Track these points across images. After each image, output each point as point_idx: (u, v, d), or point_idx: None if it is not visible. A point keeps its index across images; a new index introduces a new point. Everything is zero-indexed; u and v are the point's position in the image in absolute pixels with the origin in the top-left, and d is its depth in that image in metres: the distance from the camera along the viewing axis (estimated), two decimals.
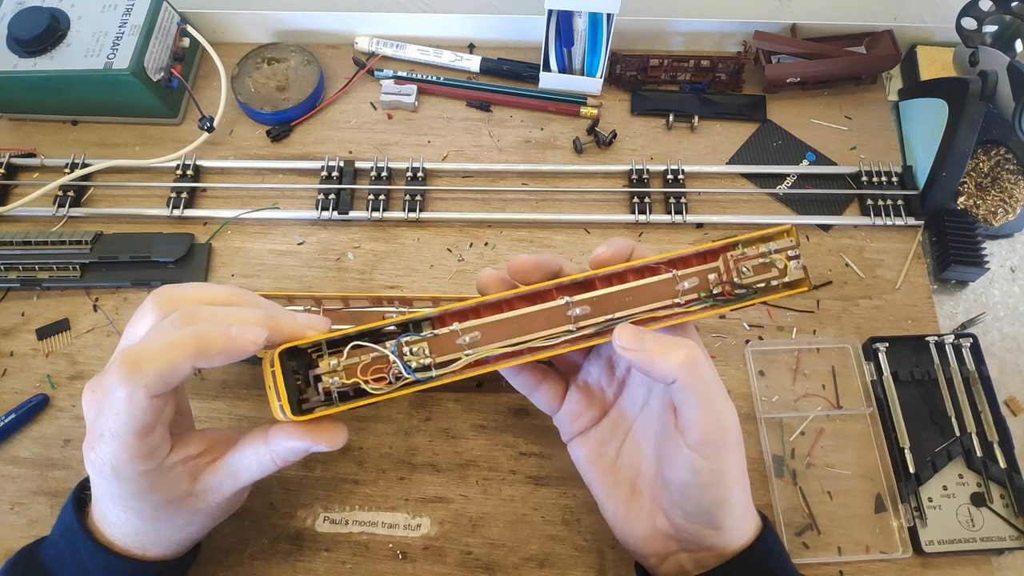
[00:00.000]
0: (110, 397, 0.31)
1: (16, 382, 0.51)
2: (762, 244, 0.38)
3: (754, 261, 0.38)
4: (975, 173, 0.59)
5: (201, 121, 0.58)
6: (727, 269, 0.38)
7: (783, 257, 0.38)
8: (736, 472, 0.36)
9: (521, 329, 0.36)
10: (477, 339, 0.35)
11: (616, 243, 0.37)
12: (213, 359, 0.32)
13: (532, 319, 0.36)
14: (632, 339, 0.34)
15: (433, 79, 0.64)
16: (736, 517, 0.37)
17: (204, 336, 0.31)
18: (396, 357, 0.34)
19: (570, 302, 0.36)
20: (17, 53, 0.57)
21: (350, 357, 0.34)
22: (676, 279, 0.37)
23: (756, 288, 0.38)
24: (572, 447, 0.42)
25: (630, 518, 0.39)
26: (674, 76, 0.64)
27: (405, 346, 0.35)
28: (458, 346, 0.35)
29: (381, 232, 0.58)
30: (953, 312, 0.56)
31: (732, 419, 0.35)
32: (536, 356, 0.36)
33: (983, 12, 0.57)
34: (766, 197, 0.60)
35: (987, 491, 0.48)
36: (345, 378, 0.34)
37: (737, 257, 0.38)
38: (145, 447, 0.32)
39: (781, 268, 0.37)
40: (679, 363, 0.33)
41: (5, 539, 0.46)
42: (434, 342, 0.35)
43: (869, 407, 0.50)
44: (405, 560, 0.46)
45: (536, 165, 0.60)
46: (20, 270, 0.54)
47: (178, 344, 0.31)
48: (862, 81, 0.64)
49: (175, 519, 0.36)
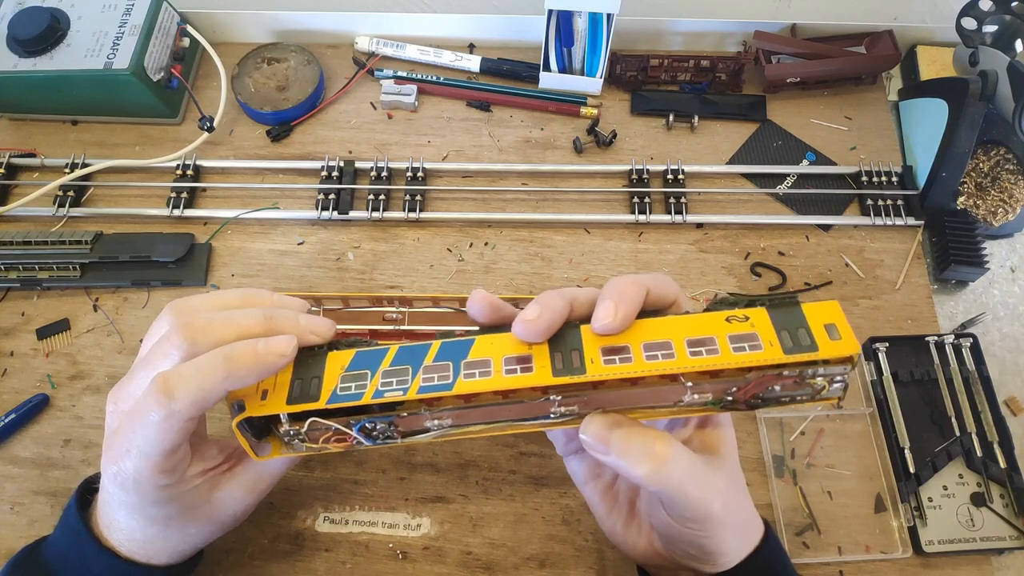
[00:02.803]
0: (143, 419, 0.31)
1: (16, 382, 0.51)
2: (812, 367, 0.30)
3: (789, 380, 0.31)
4: (975, 173, 0.59)
5: (201, 121, 0.58)
6: (755, 385, 0.31)
7: (826, 380, 0.31)
8: (727, 522, 0.34)
9: (498, 416, 0.33)
10: (446, 426, 0.33)
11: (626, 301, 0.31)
12: (245, 379, 0.31)
13: (511, 408, 0.33)
14: (598, 436, 0.31)
15: (433, 79, 0.64)
16: (730, 548, 0.35)
17: (232, 358, 0.31)
18: (358, 434, 0.33)
19: (556, 400, 0.32)
20: (17, 53, 0.57)
21: (312, 428, 0.33)
22: (687, 389, 0.32)
23: (780, 401, 0.32)
24: (569, 463, 0.41)
25: (628, 537, 0.39)
26: (674, 76, 0.64)
27: (368, 428, 0.33)
28: (427, 427, 0.34)
29: (381, 232, 0.58)
30: (953, 312, 0.56)
31: (717, 500, 0.32)
32: (511, 431, 0.34)
33: (983, 12, 0.57)
34: (766, 197, 0.60)
35: (987, 491, 0.48)
36: (306, 440, 0.34)
37: (771, 376, 0.31)
38: (170, 464, 0.33)
39: (817, 389, 0.31)
40: (644, 475, 0.31)
41: (5, 539, 0.46)
42: (402, 421, 0.33)
43: (869, 407, 0.50)
44: (405, 560, 0.46)
45: (536, 165, 0.60)
46: (20, 270, 0.54)
47: (208, 369, 0.31)
48: (862, 81, 0.64)
49: (187, 528, 0.36)
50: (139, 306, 0.54)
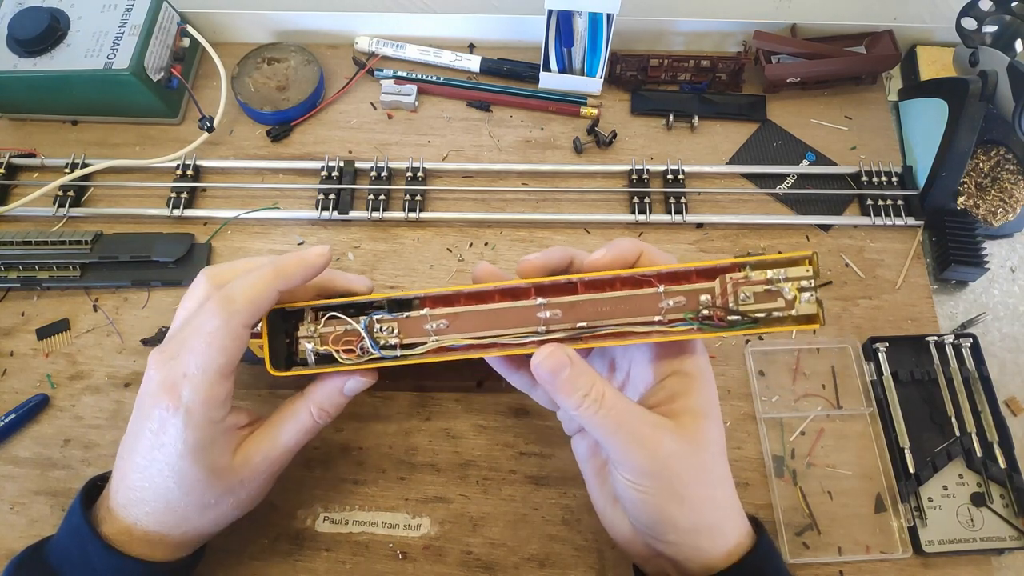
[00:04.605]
0: (202, 331, 0.34)
1: (16, 382, 0.51)
2: (773, 269, 0.33)
3: (758, 287, 0.33)
4: (975, 173, 0.59)
5: (201, 121, 0.58)
6: (723, 291, 0.33)
7: (793, 287, 0.32)
8: (677, 494, 0.35)
9: (491, 323, 0.36)
10: (444, 327, 0.36)
11: (619, 247, 0.36)
12: (292, 278, 0.36)
13: (503, 315, 0.36)
14: (550, 367, 0.34)
15: (433, 79, 0.64)
16: (684, 533, 0.35)
17: (279, 263, 0.36)
18: (365, 332, 0.36)
19: (543, 304, 0.35)
20: (17, 53, 0.57)
21: (326, 325, 0.37)
22: (661, 295, 0.34)
23: (754, 317, 0.33)
24: (574, 443, 0.42)
25: (615, 518, 0.39)
26: (674, 76, 0.64)
27: (376, 324, 0.36)
28: (426, 331, 0.36)
29: (381, 232, 0.58)
30: (953, 312, 0.56)
31: (655, 457, 0.34)
32: (503, 352, 0.36)
33: (983, 12, 0.57)
34: (766, 197, 0.60)
35: (987, 491, 0.48)
36: (319, 344, 0.37)
37: (738, 280, 0.33)
38: (222, 392, 0.35)
39: (789, 299, 0.32)
40: (576, 403, 0.33)
41: (5, 539, 0.46)
42: (404, 323, 0.36)
43: (869, 407, 0.50)
44: (405, 560, 0.46)
45: (536, 165, 0.60)
46: (20, 270, 0.54)
47: (260, 274, 0.35)
48: (862, 81, 0.64)
49: (207, 495, 0.37)
50: (139, 306, 0.54)
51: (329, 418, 0.40)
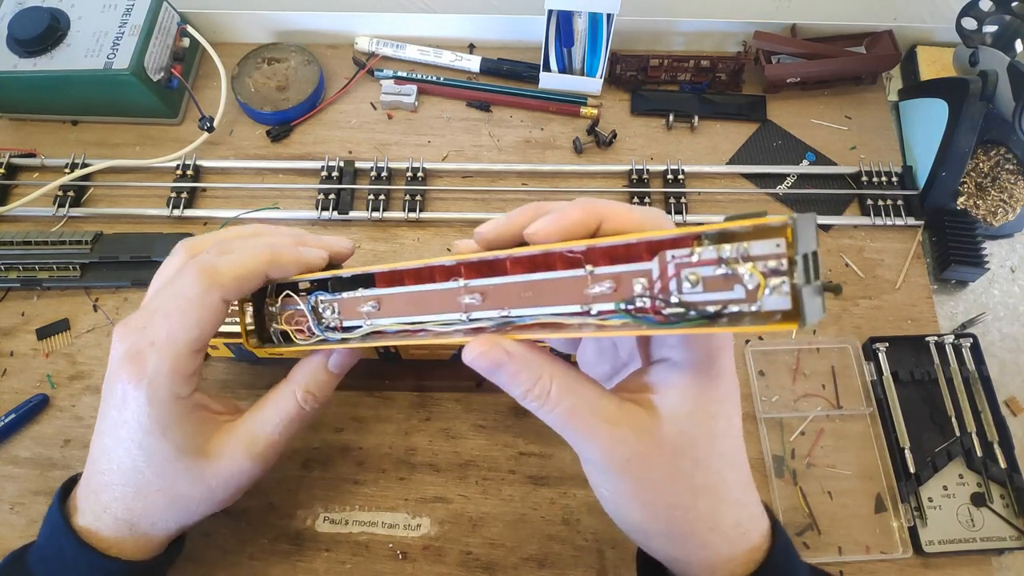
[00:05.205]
0: (178, 297, 0.32)
1: (16, 382, 0.51)
2: (730, 243, 0.22)
3: (707, 269, 0.23)
4: (975, 173, 0.59)
5: (201, 121, 0.58)
6: (663, 274, 0.24)
7: (754, 269, 0.22)
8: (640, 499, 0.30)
9: (417, 307, 0.32)
10: (375, 310, 0.33)
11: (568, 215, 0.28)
12: (285, 269, 0.34)
13: (425, 299, 0.31)
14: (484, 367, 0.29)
15: (433, 79, 0.64)
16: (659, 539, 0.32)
17: (277, 250, 0.34)
18: (309, 313, 0.35)
19: (463, 287, 0.30)
20: (17, 53, 0.57)
21: (284, 304, 0.36)
22: (588, 279, 0.26)
23: (703, 313, 0.23)
24: None
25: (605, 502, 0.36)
26: (674, 76, 0.64)
27: (320, 304, 0.35)
28: (361, 313, 0.34)
29: (381, 232, 0.58)
30: (953, 312, 0.56)
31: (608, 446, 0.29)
32: (432, 341, 0.31)
33: (983, 12, 0.57)
34: (766, 197, 0.60)
35: (987, 491, 0.48)
36: (280, 323, 0.36)
37: (681, 261, 0.24)
38: (190, 366, 0.33)
39: (751, 288, 0.22)
40: (520, 400, 0.29)
41: (5, 539, 0.46)
42: (343, 304, 0.35)
43: (869, 407, 0.50)
44: (405, 560, 0.46)
45: (536, 165, 0.60)
46: (20, 270, 0.54)
47: (254, 252, 0.33)
48: (862, 81, 0.64)
49: (178, 481, 0.35)
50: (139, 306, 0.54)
51: (316, 402, 0.37)
